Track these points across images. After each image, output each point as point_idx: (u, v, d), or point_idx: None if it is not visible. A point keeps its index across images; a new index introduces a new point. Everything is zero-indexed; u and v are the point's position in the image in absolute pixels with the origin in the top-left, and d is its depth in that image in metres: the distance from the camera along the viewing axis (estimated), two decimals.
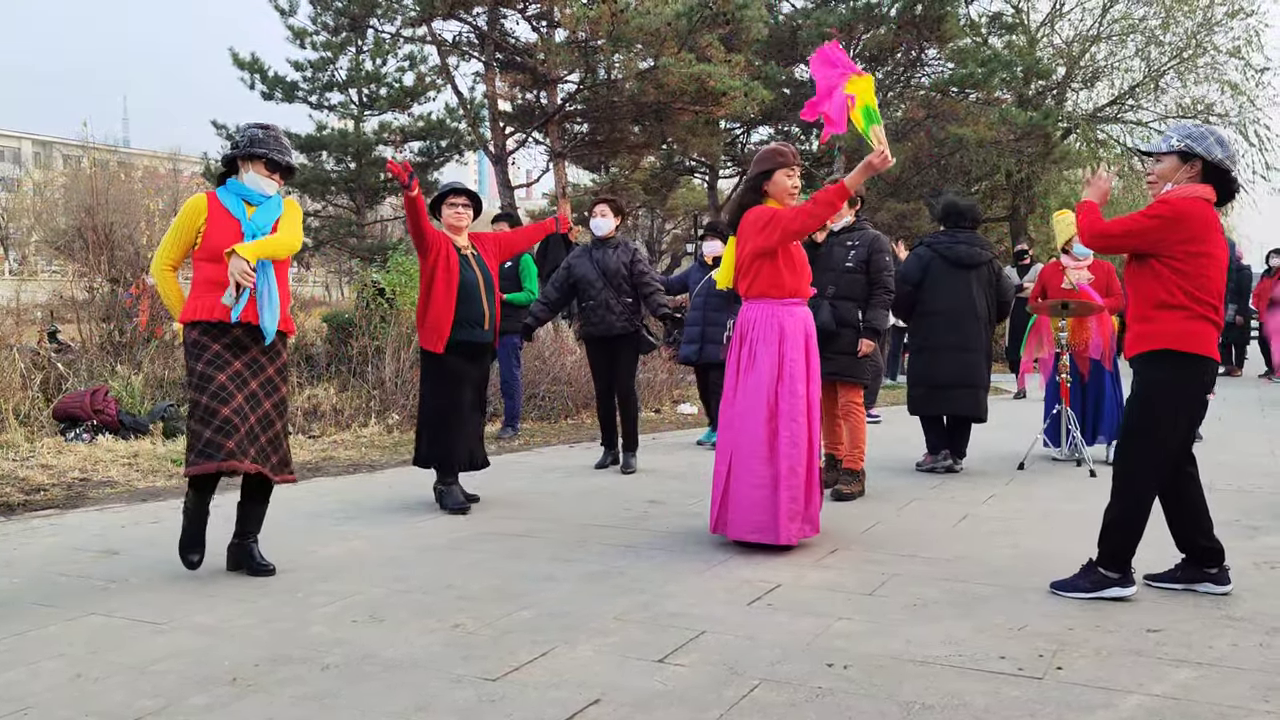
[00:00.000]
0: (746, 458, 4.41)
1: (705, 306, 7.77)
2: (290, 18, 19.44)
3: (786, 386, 4.40)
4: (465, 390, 5.31)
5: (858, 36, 18.28)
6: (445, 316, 5.17)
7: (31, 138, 69.66)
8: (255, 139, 4.01)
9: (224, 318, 3.88)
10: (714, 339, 7.76)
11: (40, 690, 2.77)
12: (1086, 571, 3.71)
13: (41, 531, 4.81)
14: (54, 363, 9.02)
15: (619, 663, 3.00)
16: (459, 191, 5.40)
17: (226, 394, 3.86)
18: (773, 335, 4.45)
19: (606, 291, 6.50)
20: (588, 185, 25.03)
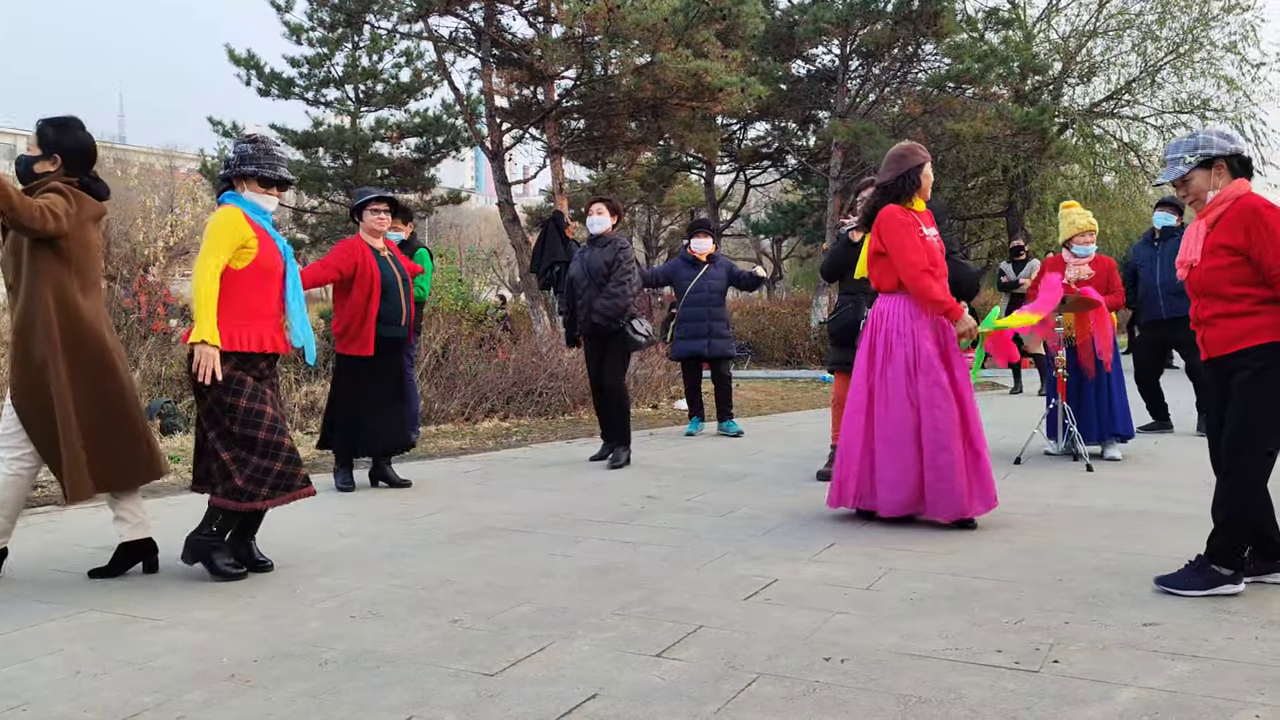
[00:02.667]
0: (891, 443, 4.67)
1: (708, 304, 8.07)
2: (287, 14, 19.42)
3: (924, 375, 4.65)
4: (381, 385, 5.76)
5: (854, 32, 18.27)
6: (370, 320, 5.62)
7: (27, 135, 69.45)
8: (245, 156, 3.94)
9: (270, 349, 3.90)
10: (720, 334, 8.09)
11: (38, 686, 2.77)
12: (1199, 569, 3.64)
13: (40, 528, 4.81)
14: None
15: (617, 657, 3.00)
16: (381, 199, 5.82)
17: (281, 426, 3.91)
18: (906, 328, 4.72)
19: (590, 289, 6.62)
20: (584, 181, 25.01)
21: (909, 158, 4.79)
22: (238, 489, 3.82)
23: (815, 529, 4.73)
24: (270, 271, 3.89)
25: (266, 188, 3.99)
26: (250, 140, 4.02)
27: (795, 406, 10.98)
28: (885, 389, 4.72)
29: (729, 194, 27.44)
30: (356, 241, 5.74)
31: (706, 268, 8.16)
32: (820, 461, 6.30)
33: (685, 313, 8.14)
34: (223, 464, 3.82)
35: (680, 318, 8.22)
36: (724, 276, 8.22)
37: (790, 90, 20.32)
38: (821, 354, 17.52)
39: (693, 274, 8.14)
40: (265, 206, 3.99)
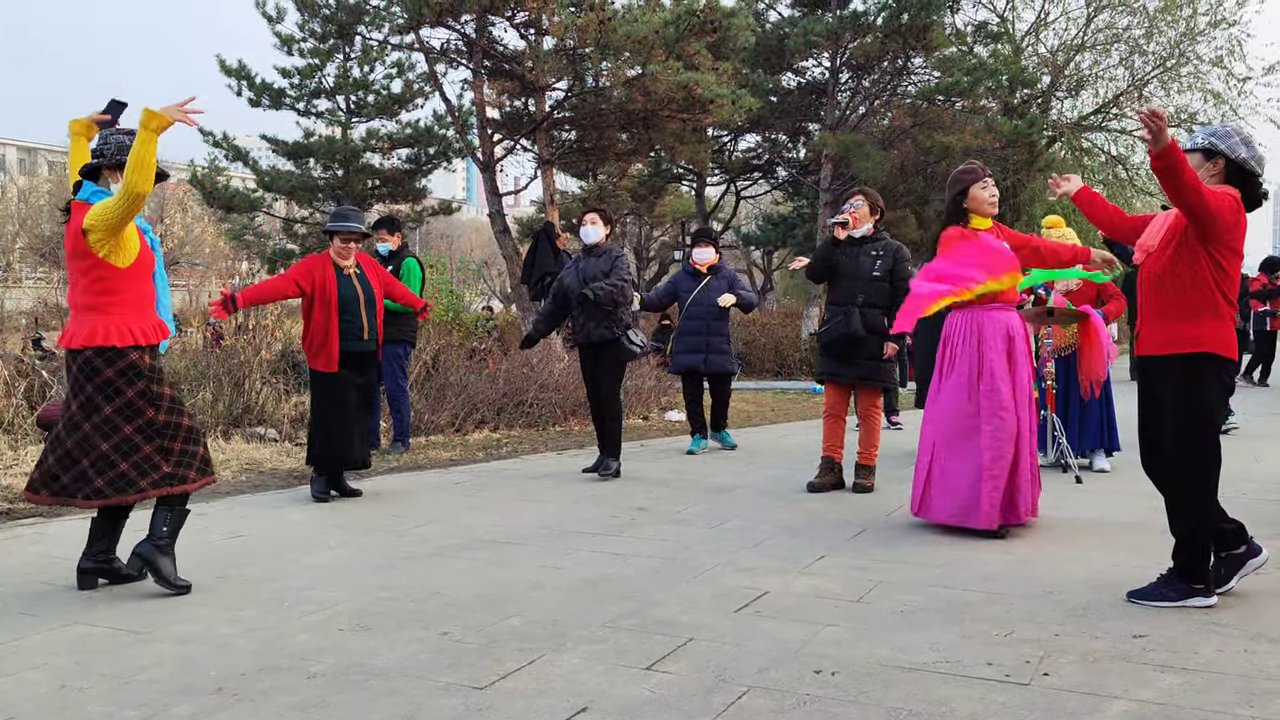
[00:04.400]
0: (948, 451, 4.84)
1: (707, 316, 7.82)
2: (278, 24, 19.40)
3: (986, 385, 4.78)
4: (351, 398, 5.86)
5: (844, 45, 18.35)
6: (333, 335, 5.72)
7: (16, 144, 69.23)
8: (123, 146, 3.89)
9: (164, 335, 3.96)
10: (719, 348, 7.86)
11: (23, 700, 2.74)
12: (1168, 581, 3.66)
13: (25, 540, 4.77)
14: (38, 370, 8.96)
15: (607, 670, 2.99)
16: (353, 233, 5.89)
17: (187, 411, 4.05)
18: (971, 338, 4.85)
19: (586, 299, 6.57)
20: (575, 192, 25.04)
21: (954, 183, 5.01)
22: (167, 475, 3.84)
23: (806, 541, 4.73)
24: (149, 266, 3.93)
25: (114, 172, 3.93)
26: (129, 133, 3.93)
27: (785, 418, 10.98)
28: (946, 398, 4.88)
29: (719, 205, 27.50)
30: (320, 259, 5.88)
31: (708, 279, 7.91)
32: (810, 473, 6.30)
33: (685, 325, 7.93)
34: (145, 456, 3.81)
35: (680, 330, 8.04)
36: (726, 288, 7.92)
37: (781, 102, 20.39)
38: (812, 365, 17.53)
39: (693, 285, 7.94)
40: None
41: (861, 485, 6.02)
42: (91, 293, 3.80)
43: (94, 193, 3.87)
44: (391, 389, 7.76)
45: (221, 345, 9.73)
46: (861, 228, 6.03)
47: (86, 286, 3.81)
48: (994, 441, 4.74)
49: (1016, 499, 4.84)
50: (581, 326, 6.66)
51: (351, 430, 5.86)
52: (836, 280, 6.05)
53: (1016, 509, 4.85)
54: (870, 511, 5.44)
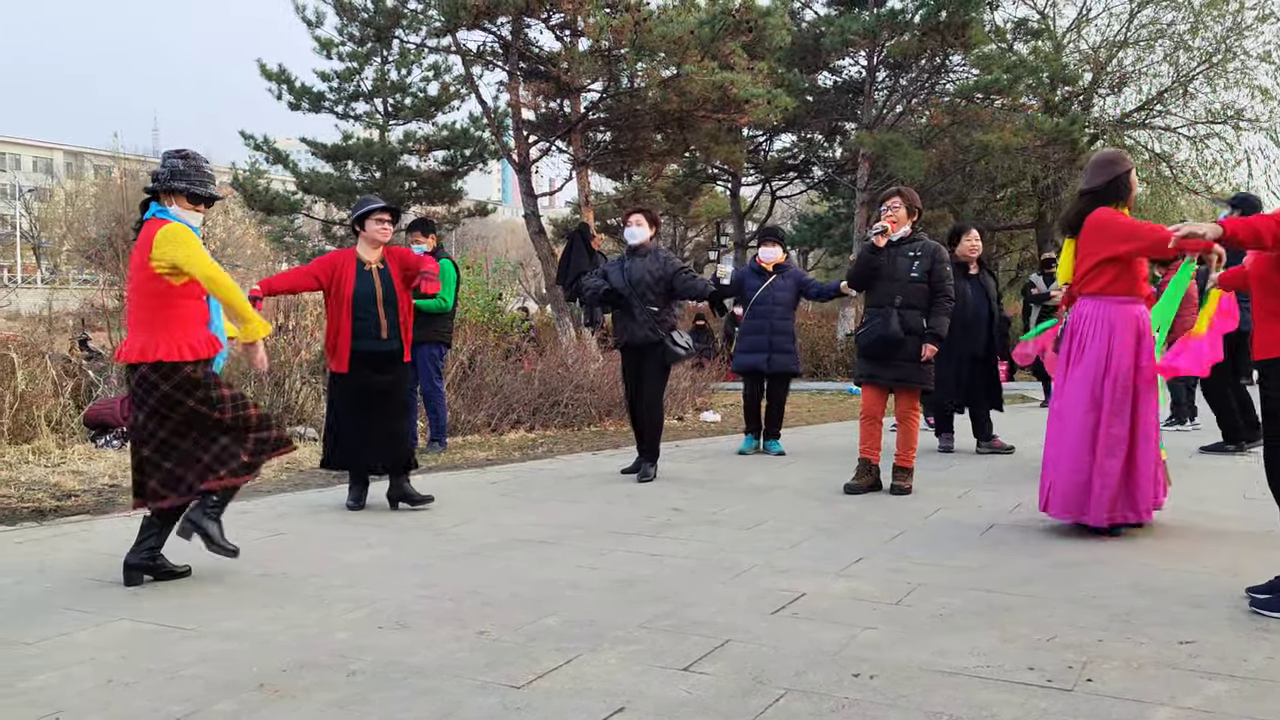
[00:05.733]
0: (1070, 446, 4.71)
1: (771, 315, 7.70)
2: (317, 29, 19.64)
3: (1112, 380, 4.65)
4: (368, 400, 5.48)
5: (882, 44, 18.22)
6: (344, 334, 5.44)
7: (63, 148, 70.70)
8: (176, 171, 3.99)
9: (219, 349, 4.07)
10: (783, 348, 7.73)
11: (71, 695, 2.79)
12: None
13: (73, 537, 4.87)
14: (85, 370, 9.14)
15: (644, 671, 2.99)
16: (385, 209, 5.57)
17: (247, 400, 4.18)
18: (1103, 331, 4.68)
19: (632, 300, 6.53)
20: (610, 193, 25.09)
21: (1118, 163, 4.80)
22: (244, 464, 4.03)
23: (843, 543, 4.70)
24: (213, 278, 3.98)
25: (194, 204, 4.04)
26: (182, 156, 4.06)
27: (822, 419, 10.92)
28: (1071, 389, 4.75)
29: (755, 205, 27.42)
30: (345, 254, 5.56)
31: (774, 278, 7.76)
32: (847, 475, 6.26)
33: (747, 324, 7.82)
34: (222, 448, 4.00)
35: (742, 329, 7.93)
36: (792, 288, 7.80)
37: (816, 102, 20.30)
38: (848, 366, 17.41)
39: (758, 284, 7.80)
40: (192, 222, 4.03)
41: (899, 487, 5.97)
42: (147, 307, 3.94)
43: (158, 210, 4.02)
44: (427, 389, 7.80)
45: None
46: (899, 230, 5.98)
47: (142, 301, 3.95)
48: (1109, 437, 4.63)
49: (1136, 496, 4.70)
50: (625, 328, 6.60)
51: (364, 433, 5.51)
52: (874, 282, 6.01)
53: (1136, 506, 4.71)
54: (908, 514, 5.39)
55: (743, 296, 8.00)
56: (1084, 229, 4.71)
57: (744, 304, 8.03)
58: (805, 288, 7.98)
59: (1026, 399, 13.18)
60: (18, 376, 7.60)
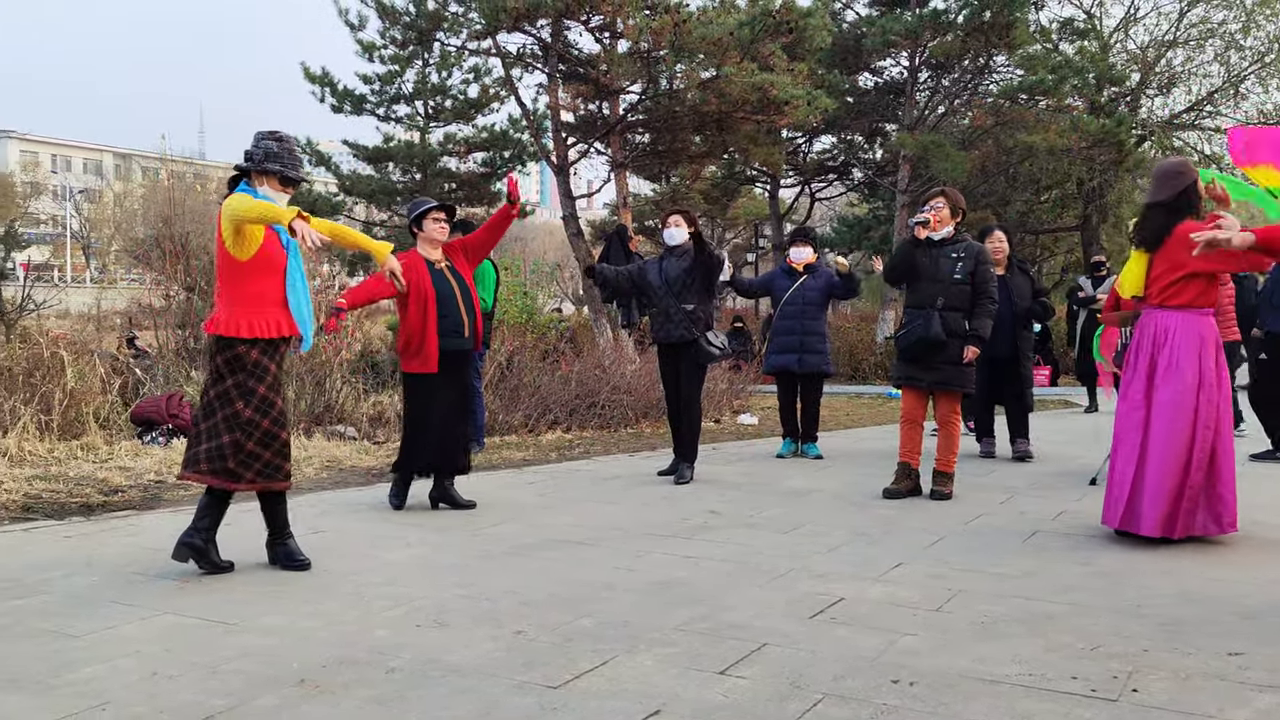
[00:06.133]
0: (1160, 460, 4.62)
1: (802, 315, 7.69)
2: (360, 32, 19.85)
3: (1205, 394, 4.64)
4: (448, 399, 5.51)
5: (924, 44, 18.05)
6: (431, 335, 5.40)
7: (112, 150, 72.13)
8: (270, 153, 4.07)
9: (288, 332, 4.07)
10: (814, 348, 7.70)
11: (117, 687, 2.84)
12: None
13: (120, 532, 4.95)
14: (132, 368, 9.31)
15: (680, 673, 2.98)
16: (440, 207, 5.59)
17: (284, 419, 4.13)
18: (1193, 344, 4.66)
19: (667, 299, 6.54)
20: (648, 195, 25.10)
21: (1184, 173, 4.79)
22: (229, 470, 4.03)
23: (881, 548, 4.66)
24: (274, 262, 4.04)
25: (285, 186, 4.12)
26: (276, 138, 4.13)
27: (860, 422, 10.84)
28: (1167, 406, 4.66)
29: (794, 207, 27.29)
30: (410, 256, 5.53)
31: (804, 278, 7.77)
32: (886, 479, 6.20)
33: (779, 325, 7.82)
34: (220, 445, 4.01)
35: (773, 330, 7.91)
36: (823, 288, 7.77)
37: (857, 103, 20.16)
38: (887, 369, 17.25)
39: (788, 284, 7.81)
40: (280, 203, 4.08)
41: (939, 492, 5.90)
42: (221, 280, 4.10)
43: (242, 188, 4.11)
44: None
45: None
46: (942, 230, 5.92)
47: (218, 275, 4.12)
48: (1201, 451, 4.59)
49: (1220, 509, 4.66)
50: (661, 326, 6.61)
51: (441, 435, 5.51)
52: (915, 283, 5.94)
53: (1220, 520, 4.67)
54: (948, 519, 5.33)
55: (771, 298, 8.01)
56: (1170, 242, 4.67)
57: (772, 305, 8.02)
58: (835, 288, 7.92)
59: (1070, 404, 12.98)
60: (67, 374, 7.76)
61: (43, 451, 7.02)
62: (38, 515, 5.31)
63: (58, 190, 62.51)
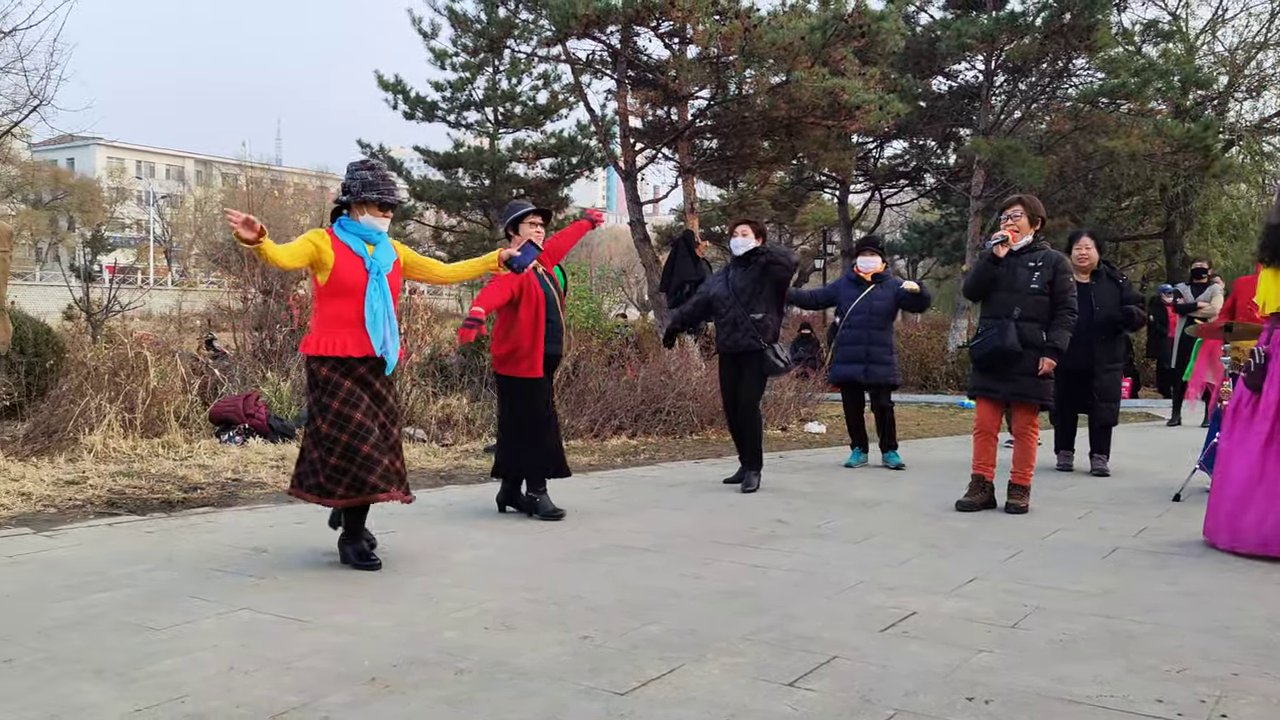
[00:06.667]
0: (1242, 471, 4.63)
1: (868, 325, 7.58)
2: (432, 40, 20.19)
3: None
4: (544, 407, 5.54)
5: (1000, 47, 17.70)
6: (540, 340, 5.40)
7: (194, 157, 74.44)
8: (366, 183, 4.22)
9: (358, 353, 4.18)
10: (880, 359, 7.58)
11: (196, 680, 2.91)
12: None
13: (199, 528, 5.08)
14: (211, 368, 9.56)
15: (748, 684, 2.94)
16: (537, 211, 5.57)
17: (365, 430, 4.16)
18: None
19: (735, 309, 6.48)
20: (715, 201, 25.03)
21: None
22: (319, 485, 4.18)
23: (955, 562, 4.55)
24: (348, 287, 4.17)
25: (384, 211, 4.27)
26: (369, 168, 4.29)
27: (931, 433, 10.65)
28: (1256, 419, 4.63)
29: (863, 213, 26.98)
30: None
31: (872, 288, 7.66)
32: (959, 491, 6.07)
33: (844, 335, 7.70)
34: (311, 461, 4.19)
35: (839, 339, 7.79)
36: (891, 298, 7.66)
37: (930, 107, 19.86)
38: (959, 379, 16.95)
39: (855, 294, 7.70)
40: (380, 228, 4.27)
41: (1014, 505, 5.76)
42: (314, 303, 4.32)
43: (341, 223, 4.29)
44: None
45: None
46: (1021, 240, 5.77)
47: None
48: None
49: None
50: (728, 335, 6.55)
51: (546, 439, 5.49)
52: (991, 292, 5.81)
53: None
54: (1024, 534, 5.20)
55: (838, 307, 7.89)
56: None
57: (840, 314, 7.91)
58: (904, 300, 7.79)
59: (1152, 417, 12.59)
60: (150, 374, 7.99)
61: (126, 448, 7.24)
62: (121, 510, 5.47)
63: (142, 195, 64.73)
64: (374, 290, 4.20)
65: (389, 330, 4.21)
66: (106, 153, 69.05)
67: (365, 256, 4.23)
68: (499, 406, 5.67)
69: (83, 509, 5.44)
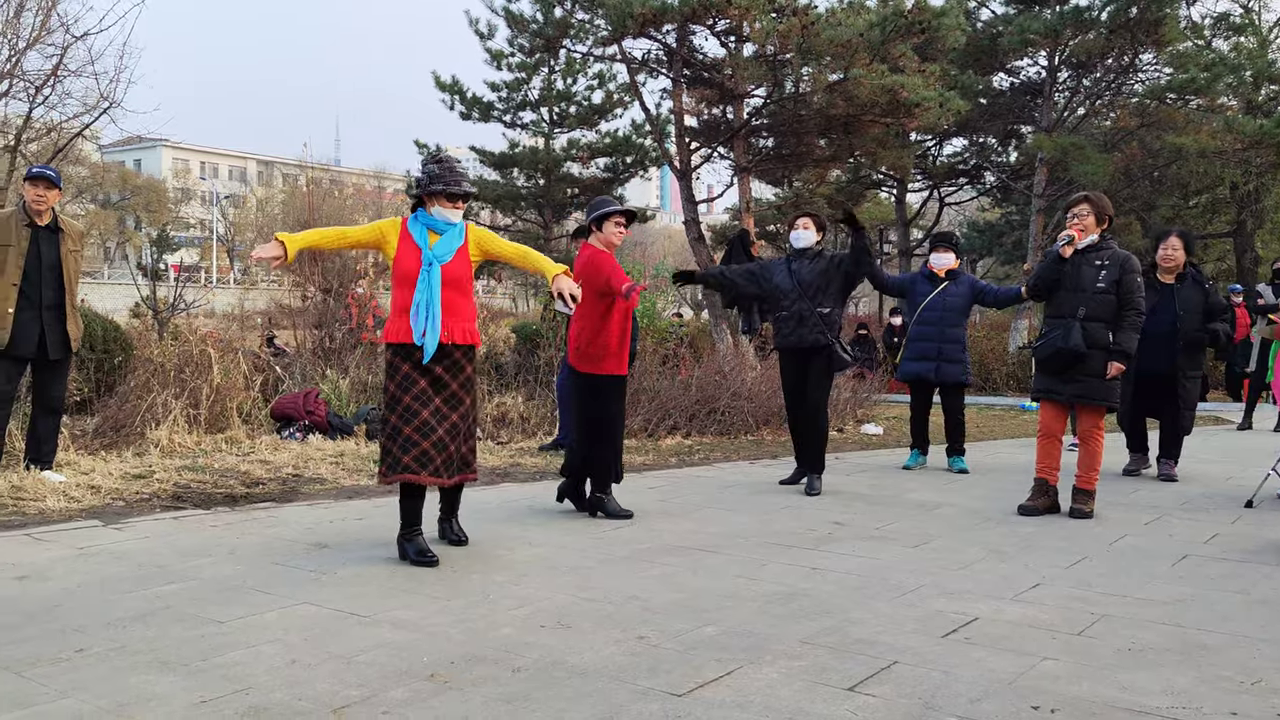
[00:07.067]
0: None
1: (941, 323, 7.42)
2: (489, 41, 20.36)
3: None
4: (620, 405, 5.56)
5: (1064, 43, 17.33)
6: (627, 336, 5.44)
7: (256, 158, 76.03)
8: (433, 176, 4.37)
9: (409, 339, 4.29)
10: (952, 357, 7.42)
11: (260, 672, 2.95)
12: None
13: (261, 522, 5.17)
14: (272, 366, 9.74)
15: (807, 688, 2.91)
16: (622, 212, 5.54)
17: (411, 413, 4.26)
18: None
19: (801, 303, 6.35)
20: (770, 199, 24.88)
21: None
22: (382, 471, 4.34)
23: (1018, 566, 4.46)
24: (406, 276, 4.31)
25: (453, 201, 4.39)
26: (436, 160, 4.47)
27: (991, 435, 10.46)
28: None
29: (921, 212, 26.62)
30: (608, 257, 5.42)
31: (946, 284, 7.48)
32: (1021, 495, 5.95)
33: (915, 331, 7.53)
34: (383, 446, 4.34)
35: (910, 336, 7.62)
36: (966, 294, 7.47)
37: (991, 104, 19.52)
38: (1020, 380, 16.63)
39: (929, 290, 7.52)
40: (450, 219, 4.39)
41: (1079, 510, 5.62)
42: None
43: (416, 214, 4.45)
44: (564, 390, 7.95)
45: None
46: (1087, 239, 5.63)
47: None
48: None
49: None
50: (793, 331, 6.39)
51: (617, 440, 5.50)
52: (1056, 292, 5.68)
53: None
54: (1089, 539, 5.07)
55: (909, 303, 7.73)
56: None
57: (909, 310, 7.75)
58: (982, 295, 7.59)
59: (1221, 421, 12.23)
60: (214, 370, 8.16)
61: (191, 443, 7.41)
62: (186, 504, 5.59)
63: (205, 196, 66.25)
64: (421, 279, 4.30)
65: (430, 320, 4.27)
66: (172, 154, 70.82)
67: (425, 248, 4.33)
68: (575, 406, 5.61)
69: (149, 502, 5.57)
